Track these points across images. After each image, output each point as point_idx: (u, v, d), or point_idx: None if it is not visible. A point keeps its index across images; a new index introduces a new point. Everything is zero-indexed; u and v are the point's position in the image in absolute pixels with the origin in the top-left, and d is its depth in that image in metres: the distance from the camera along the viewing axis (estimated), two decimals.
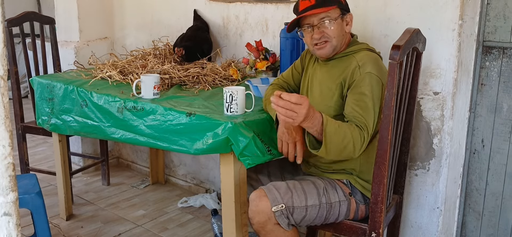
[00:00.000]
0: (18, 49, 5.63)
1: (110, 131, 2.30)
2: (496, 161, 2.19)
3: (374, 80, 1.77)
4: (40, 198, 2.11)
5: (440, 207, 2.23)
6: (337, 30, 1.84)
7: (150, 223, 2.88)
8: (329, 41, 1.85)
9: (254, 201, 1.79)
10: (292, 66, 2.15)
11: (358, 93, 1.77)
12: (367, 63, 1.80)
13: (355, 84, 1.79)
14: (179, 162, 3.41)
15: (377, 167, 1.72)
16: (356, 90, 1.78)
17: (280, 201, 1.76)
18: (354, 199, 1.87)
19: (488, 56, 2.14)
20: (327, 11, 1.82)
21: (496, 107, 2.15)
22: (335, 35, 1.84)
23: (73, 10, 3.46)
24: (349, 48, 1.89)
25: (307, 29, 1.86)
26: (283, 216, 1.76)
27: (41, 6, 6.33)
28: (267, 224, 1.77)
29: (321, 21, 1.83)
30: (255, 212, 1.78)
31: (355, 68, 1.81)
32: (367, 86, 1.76)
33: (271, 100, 1.61)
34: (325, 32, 1.83)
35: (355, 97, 1.77)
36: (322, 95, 1.89)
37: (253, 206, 1.79)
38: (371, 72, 1.78)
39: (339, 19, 1.84)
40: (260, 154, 1.87)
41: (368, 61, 1.81)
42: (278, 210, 1.75)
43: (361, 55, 1.85)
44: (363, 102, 1.75)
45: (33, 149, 4.11)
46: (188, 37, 2.87)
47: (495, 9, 2.09)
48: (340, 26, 1.85)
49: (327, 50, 1.86)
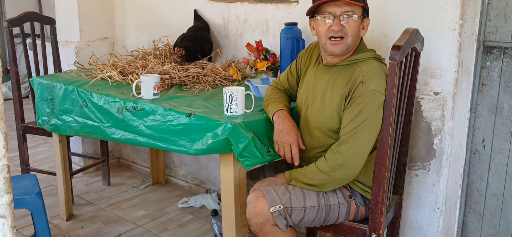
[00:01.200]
0: (19, 50, 5.65)
1: (110, 132, 2.30)
2: (497, 161, 2.18)
3: (377, 98, 1.68)
4: (40, 198, 2.11)
5: (441, 207, 2.22)
6: (355, 29, 1.75)
7: (151, 223, 2.88)
8: (345, 37, 1.75)
9: (252, 202, 1.78)
10: (288, 69, 2.09)
11: (355, 113, 1.71)
12: (373, 78, 1.71)
13: (354, 101, 1.73)
14: (180, 162, 3.40)
15: (377, 168, 1.72)
16: (353, 109, 1.72)
17: (278, 201, 1.75)
18: (354, 201, 1.86)
19: (489, 56, 2.14)
20: (354, 6, 1.74)
21: (497, 107, 2.14)
22: (352, 34, 1.75)
23: (74, 10, 3.46)
24: (355, 55, 1.80)
25: (326, 18, 1.75)
26: (281, 216, 1.75)
27: (42, 6, 6.34)
28: (265, 225, 1.76)
29: (345, 13, 1.73)
30: (252, 214, 1.77)
31: (359, 83, 1.73)
32: (366, 105, 1.69)
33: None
34: (345, 27, 1.74)
35: (349, 117, 1.72)
36: (323, 105, 1.82)
37: (250, 207, 1.78)
38: (375, 89, 1.69)
39: (359, 19, 1.77)
40: (259, 155, 1.86)
41: (374, 76, 1.72)
42: (276, 211, 1.74)
43: (367, 66, 1.75)
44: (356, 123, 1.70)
45: (34, 149, 4.12)
46: (189, 37, 2.87)
47: (496, 9, 2.08)
48: (358, 26, 1.78)
49: (341, 47, 1.76)
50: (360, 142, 1.70)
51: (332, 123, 1.80)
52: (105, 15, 3.60)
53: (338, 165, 1.73)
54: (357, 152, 1.71)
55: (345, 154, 1.71)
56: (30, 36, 3.14)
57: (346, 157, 1.72)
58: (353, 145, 1.71)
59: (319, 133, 1.84)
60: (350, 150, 1.71)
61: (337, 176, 1.75)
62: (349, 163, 1.72)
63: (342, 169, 1.73)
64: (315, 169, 1.77)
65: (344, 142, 1.72)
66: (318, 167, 1.76)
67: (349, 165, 1.73)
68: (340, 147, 1.73)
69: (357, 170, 1.75)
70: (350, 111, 1.73)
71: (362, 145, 1.71)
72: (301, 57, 2.02)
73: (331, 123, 1.81)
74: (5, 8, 6.43)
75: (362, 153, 1.71)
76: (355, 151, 1.71)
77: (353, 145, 1.71)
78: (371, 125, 1.69)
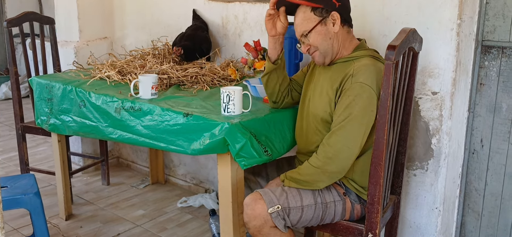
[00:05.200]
0: (19, 49, 5.66)
1: (108, 131, 2.30)
2: (495, 161, 2.18)
3: (365, 91, 1.71)
4: (38, 198, 2.11)
5: (439, 207, 2.22)
6: (319, 40, 1.82)
7: (150, 223, 2.88)
8: (317, 50, 1.85)
9: (250, 205, 1.77)
10: (301, 70, 2.14)
11: (344, 106, 1.74)
12: (363, 72, 1.74)
13: (344, 93, 1.76)
14: (179, 162, 3.41)
15: (373, 168, 1.71)
16: (343, 101, 1.75)
17: (276, 202, 1.75)
18: (348, 199, 1.86)
19: (487, 56, 2.13)
20: (305, 23, 1.82)
21: (495, 107, 2.14)
22: (319, 43, 1.82)
23: (73, 10, 3.46)
24: (353, 53, 1.84)
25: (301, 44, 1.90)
26: (279, 217, 1.75)
27: (43, 6, 6.35)
28: (264, 227, 1.75)
29: (302, 36, 1.85)
30: (251, 216, 1.76)
31: (349, 76, 1.77)
32: (355, 98, 1.71)
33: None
34: (311, 44, 1.84)
35: (339, 109, 1.75)
36: (321, 98, 1.87)
37: (248, 210, 1.77)
38: (363, 82, 1.72)
39: (318, 26, 1.81)
40: (256, 155, 1.86)
41: (364, 70, 1.74)
42: (274, 211, 1.74)
43: (361, 63, 1.78)
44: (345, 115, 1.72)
45: (34, 149, 4.12)
46: (188, 36, 2.87)
47: (494, 9, 2.08)
48: (323, 33, 1.81)
49: (318, 58, 1.86)
50: (349, 135, 1.72)
51: (325, 114, 1.84)
52: (104, 15, 3.60)
53: (328, 158, 1.74)
54: (346, 144, 1.72)
55: (334, 146, 1.73)
56: (30, 36, 3.15)
57: (335, 150, 1.73)
58: (342, 137, 1.72)
59: (316, 124, 1.88)
60: (339, 142, 1.73)
61: (328, 169, 1.76)
62: (339, 156, 1.74)
63: (332, 163, 1.74)
64: (307, 165, 1.80)
65: (333, 134, 1.75)
66: (310, 163, 1.79)
67: (339, 158, 1.74)
68: (329, 140, 1.76)
69: (348, 164, 1.76)
70: (340, 104, 1.76)
71: (351, 137, 1.72)
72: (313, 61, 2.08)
73: (324, 114, 1.84)
74: (5, 8, 6.44)
75: (351, 146, 1.72)
76: (344, 143, 1.72)
77: (342, 137, 1.72)
78: (360, 118, 1.71)
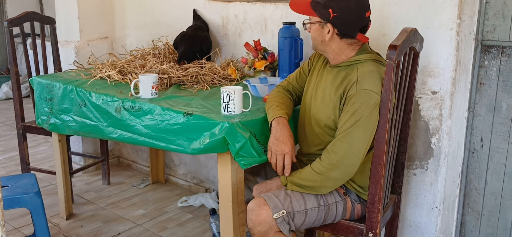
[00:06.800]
0: (20, 49, 5.66)
1: (108, 131, 2.30)
2: (495, 160, 2.18)
3: (371, 98, 1.68)
4: (39, 197, 2.12)
5: (439, 206, 2.22)
6: (314, 33, 1.84)
7: (150, 222, 2.89)
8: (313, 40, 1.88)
9: (254, 211, 1.73)
10: (300, 68, 2.11)
11: (350, 113, 1.71)
12: (367, 78, 1.72)
13: (349, 100, 1.73)
14: (179, 161, 3.41)
15: (374, 167, 1.72)
16: (348, 108, 1.73)
17: (280, 207, 1.73)
18: (349, 198, 1.86)
19: (487, 55, 2.13)
20: (308, 14, 1.84)
21: (495, 106, 2.14)
22: (313, 37, 1.86)
23: (74, 10, 3.46)
24: (356, 56, 1.81)
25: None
26: (284, 222, 1.73)
27: (43, 6, 6.35)
28: (268, 233, 1.73)
29: (304, 21, 1.88)
30: (255, 222, 1.73)
31: (353, 82, 1.74)
32: (361, 105, 1.69)
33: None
34: (310, 32, 1.88)
35: (345, 117, 1.73)
36: (324, 102, 1.84)
37: (253, 215, 1.73)
38: (369, 89, 1.69)
39: (317, 24, 1.82)
40: (256, 154, 1.86)
41: (369, 77, 1.72)
42: (279, 217, 1.72)
43: (364, 68, 1.76)
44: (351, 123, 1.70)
45: (34, 148, 4.13)
46: (188, 36, 2.87)
47: (494, 8, 2.08)
48: (319, 31, 1.82)
49: (312, 44, 1.90)
50: (354, 142, 1.69)
51: (328, 120, 1.82)
52: (105, 15, 3.61)
53: (332, 165, 1.72)
54: (351, 151, 1.70)
55: (339, 153, 1.71)
56: (30, 35, 3.15)
57: (340, 157, 1.71)
58: (347, 144, 1.70)
59: (319, 129, 1.86)
60: (344, 149, 1.70)
61: (332, 176, 1.74)
62: (344, 163, 1.71)
63: (336, 169, 1.72)
64: (310, 170, 1.76)
65: (338, 141, 1.72)
66: (313, 168, 1.75)
67: (344, 165, 1.71)
68: (334, 146, 1.73)
69: (353, 170, 1.74)
70: (346, 111, 1.73)
71: (356, 144, 1.70)
72: (313, 56, 2.06)
73: (327, 120, 1.82)
74: (6, 7, 6.45)
75: (356, 153, 1.70)
76: (349, 150, 1.70)
77: (347, 144, 1.70)
78: (366, 125, 1.68)
